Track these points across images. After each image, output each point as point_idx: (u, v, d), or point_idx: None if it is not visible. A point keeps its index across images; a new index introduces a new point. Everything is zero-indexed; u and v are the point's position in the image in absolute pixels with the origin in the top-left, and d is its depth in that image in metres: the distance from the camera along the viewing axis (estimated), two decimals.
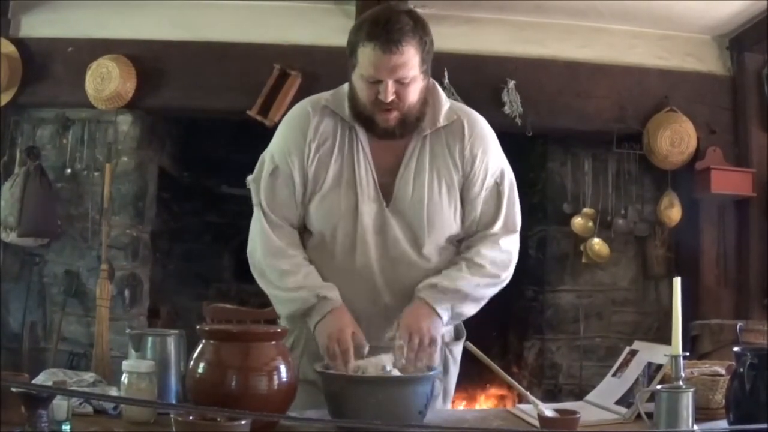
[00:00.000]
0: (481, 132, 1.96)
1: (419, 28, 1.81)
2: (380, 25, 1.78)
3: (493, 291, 1.97)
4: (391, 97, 1.80)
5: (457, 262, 1.95)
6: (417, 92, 1.85)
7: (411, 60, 1.79)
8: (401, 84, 1.81)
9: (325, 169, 1.91)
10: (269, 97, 4.02)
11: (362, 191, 1.90)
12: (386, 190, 1.92)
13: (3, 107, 4.09)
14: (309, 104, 1.97)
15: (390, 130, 1.87)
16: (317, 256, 1.95)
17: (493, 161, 1.96)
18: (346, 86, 1.94)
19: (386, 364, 1.69)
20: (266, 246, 1.92)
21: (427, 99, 1.90)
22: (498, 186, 1.97)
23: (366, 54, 1.79)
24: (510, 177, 2.01)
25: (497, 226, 1.96)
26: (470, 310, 1.94)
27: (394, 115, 1.85)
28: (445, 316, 1.87)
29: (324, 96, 1.98)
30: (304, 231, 1.99)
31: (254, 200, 1.98)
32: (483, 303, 1.97)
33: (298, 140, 1.92)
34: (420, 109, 1.88)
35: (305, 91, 3.93)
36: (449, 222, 1.94)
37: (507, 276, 1.98)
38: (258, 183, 1.96)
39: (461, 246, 1.99)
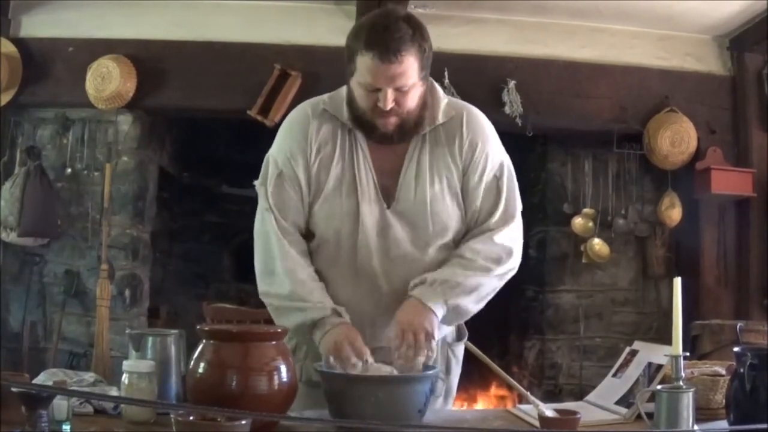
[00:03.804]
0: (479, 125, 1.96)
1: (418, 35, 1.78)
2: (379, 33, 1.76)
3: (492, 283, 1.92)
4: (390, 105, 1.80)
5: (449, 259, 1.93)
6: (416, 98, 1.85)
7: (410, 68, 1.78)
8: (400, 92, 1.81)
9: (327, 173, 1.91)
10: (269, 97, 4.02)
11: (363, 194, 1.90)
12: (387, 192, 1.92)
13: (3, 107, 4.09)
14: (308, 107, 1.97)
15: (388, 135, 1.87)
16: (320, 260, 1.95)
17: (492, 153, 1.95)
18: (344, 89, 1.93)
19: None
20: (281, 254, 1.90)
21: (426, 101, 1.89)
22: (497, 180, 1.95)
23: (365, 62, 1.77)
24: (509, 170, 1.99)
25: (493, 220, 1.94)
26: (469, 303, 1.89)
27: (392, 120, 1.85)
28: (440, 310, 1.84)
29: (322, 99, 1.97)
30: (307, 235, 1.98)
31: (263, 204, 1.95)
32: (485, 296, 1.92)
33: (300, 143, 1.92)
34: (419, 114, 1.88)
35: (305, 91, 3.94)
36: (453, 220, 1.93)
37: (503, 269, 1.93)
38: (265, 187, 1.95)
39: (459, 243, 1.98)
